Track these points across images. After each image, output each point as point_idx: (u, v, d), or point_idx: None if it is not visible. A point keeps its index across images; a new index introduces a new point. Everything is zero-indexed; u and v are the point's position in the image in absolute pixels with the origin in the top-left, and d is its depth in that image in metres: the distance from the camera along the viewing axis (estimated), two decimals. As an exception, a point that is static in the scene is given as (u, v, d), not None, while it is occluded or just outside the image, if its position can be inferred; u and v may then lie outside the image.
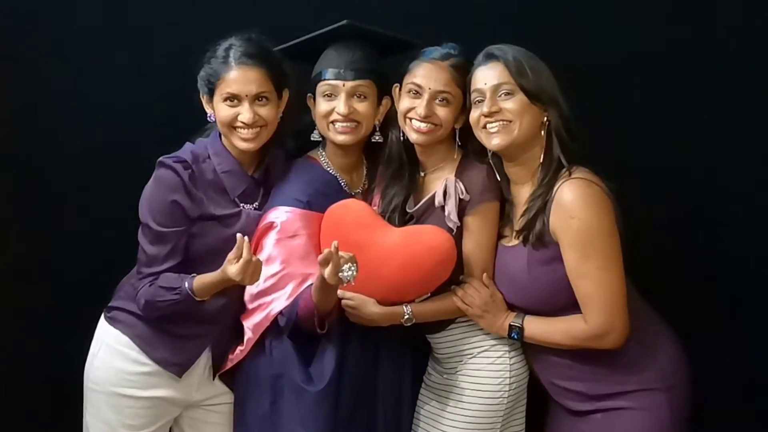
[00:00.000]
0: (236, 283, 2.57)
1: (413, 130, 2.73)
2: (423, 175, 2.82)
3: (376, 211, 2.80)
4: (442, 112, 2.72)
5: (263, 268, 2.60)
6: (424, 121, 2.71)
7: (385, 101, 2.84)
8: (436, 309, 2.72)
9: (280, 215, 2.73)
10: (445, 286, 2.71)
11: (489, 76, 2.64)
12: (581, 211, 2.52)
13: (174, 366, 2.76)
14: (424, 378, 2.86)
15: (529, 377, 2.77)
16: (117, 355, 2.76)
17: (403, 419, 2.81)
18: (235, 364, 2.80)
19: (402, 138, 2.80)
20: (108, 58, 3.19)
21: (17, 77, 3.22)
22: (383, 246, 2.68)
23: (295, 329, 2.68)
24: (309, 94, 2.85)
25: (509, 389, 2.71)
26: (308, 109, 2.86)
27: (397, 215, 2.78)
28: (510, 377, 2.71)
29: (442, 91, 2.71)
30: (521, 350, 2.75)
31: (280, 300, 2.70)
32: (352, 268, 2.52)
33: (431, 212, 2.74)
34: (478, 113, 2.65)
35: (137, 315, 2.74)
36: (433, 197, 2.71)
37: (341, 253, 2.50)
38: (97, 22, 3.18)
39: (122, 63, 3.18)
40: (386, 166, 2.84)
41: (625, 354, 2.58)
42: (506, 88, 2.62)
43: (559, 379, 2.69)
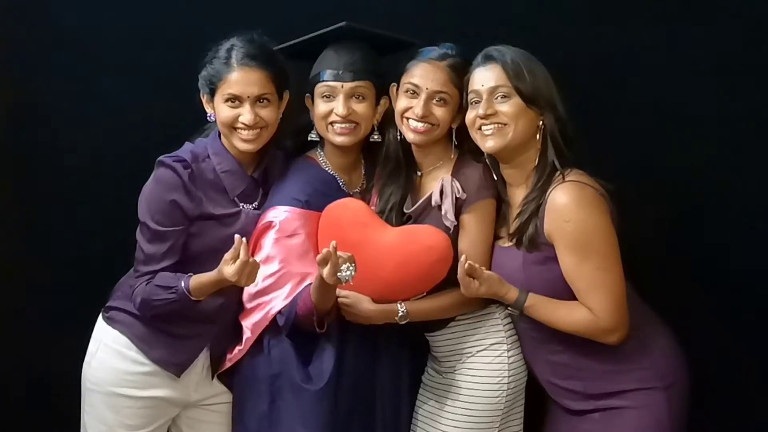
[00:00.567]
0: (232, 284, 2.57)
1: (410, 129, 2.73)
2: (420, 174, 2.82)
3: (374, 211, 2.80)
4: (439, 112, 2.72)
5: (262, 267, 2.60)
6: (421, 121, 2.71)
7: (384, 101, 2.84)
8: (431, 307, 2.71)
9: (279, 214, 2.73)
10: (441, 286, 2.71)
11: (486, 78, 2.63)
12: (575, 214, 2.52)
13: (172, 366, 2.76)
14: (423, 377, 2.86)
15: (527, 377, 2.77)
16: (115, 355, 2.76)
17: (402, 418, 2.81)
18: (234, 363, 2.80)
19: (399, 137, 2.80)
20: (108, 58, 3.19)
21: (17, 77, 3.22)
22: (380, 245, 2.68)
23: (293, 329, 2.67)
24: (307, 94, 2.85)
25: (507, 388, 2.70)
26: (306, 109, 2.86)
27: (395, 214, 2.78)
28: (508, 376, 2.71)
29: (439, 91, 2.71)
30: (520, 350, 2.74)
31: (278, 299, 2.69)
32: (351, 268, 2.52)
33: (428, 212, 2.74)
34: (474, 114, 2.65)
35: (135, 315, 2.74)
36: (430, 197, 2.71)
37: (340, 253, 2.50)
38: (98, 22, 3.19)
39: (122, 63, 3.18)
40: (383, 165, 2.84)
41: (623, 353, 2.58)
42: (503, 91, 2.62)
43: (557, 379, 2.68)
